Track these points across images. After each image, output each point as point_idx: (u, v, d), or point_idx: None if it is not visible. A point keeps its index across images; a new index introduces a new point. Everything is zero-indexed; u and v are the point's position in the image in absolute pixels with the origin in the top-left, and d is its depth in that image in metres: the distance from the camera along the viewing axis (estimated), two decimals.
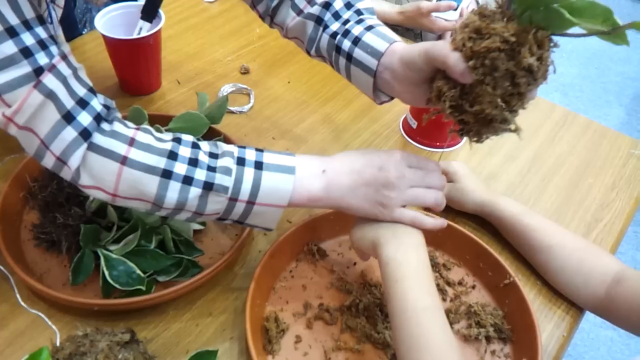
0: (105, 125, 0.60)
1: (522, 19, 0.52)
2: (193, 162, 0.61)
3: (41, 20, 0.57)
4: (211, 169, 0.61)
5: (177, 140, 0.62)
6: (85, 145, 0.58)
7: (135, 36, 0.95)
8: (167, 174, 0.60)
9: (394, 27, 1.31)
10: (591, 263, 0.72)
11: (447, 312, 0.73)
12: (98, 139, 0.59)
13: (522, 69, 0.52)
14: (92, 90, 0.61)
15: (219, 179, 0.61)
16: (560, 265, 0.74)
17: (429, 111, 0.66)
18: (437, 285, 0.77)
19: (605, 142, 1.03)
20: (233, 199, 0.61)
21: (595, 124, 1.06)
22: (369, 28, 0.69)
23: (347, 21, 0.71)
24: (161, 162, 0.60)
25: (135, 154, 0.59)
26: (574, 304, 0.76)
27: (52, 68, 0.56)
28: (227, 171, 0.61)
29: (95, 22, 0.95)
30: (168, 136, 0.63)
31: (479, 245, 0.78)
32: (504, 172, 0.95)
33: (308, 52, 0.77)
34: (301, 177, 0.63)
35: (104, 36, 0.95)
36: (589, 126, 1.06)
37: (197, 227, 0.79)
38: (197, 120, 0.86)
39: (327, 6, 0.73)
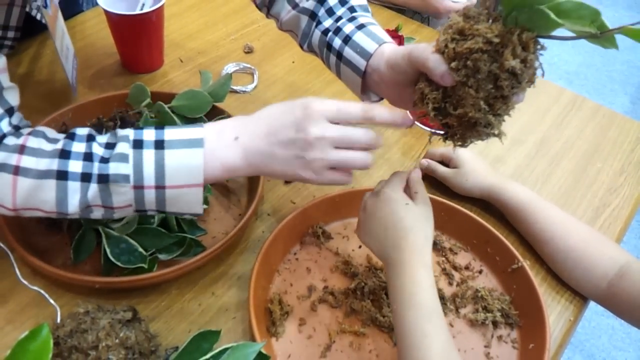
0: (5, 140, 0.57)
1: (508, 20, 0.50)
2: (88, 157, 0.56)
3: None
4: (104, 160, 0.56)
5: (70, 136, 0.58)
6: None
7: (137, 12, 0.94)
8: (62, 175, 0.56)
9: (401, 8, 1.29)
10: (594, 255, 0.71)
11: (454, 297, 0.73)
12: None
13: (505, 71, 0.51)
14: (9, 111, 0.58)
15: (114, 168, 0.56)
16: (562, 257, 0.74)
17: None
18: (444, 269, 0.76)
19: (614, 126, 1.01)
20: (138, 187, 0.56)
21: (604, 109, 1.05)
22: (361, 27, 0.69)
23: (339, 18, 0.71)
24: (54, 164, 0.56)
25: (26, 162, 0.56)
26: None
27: None
28: (122, 158, 0.56)
29: None
30: (62, 135, 0.59)
31: (486, 229, 0.77)
32: (511, 155, 0.94)
33: (301, 47, 0.77)
34: (212, 149, 0.57)
35: (105, 12, 0.93)
36: (597, 110, 1.04)
37: None
38: (200, 98, 0.84)
39: (321, 1, 0.73)
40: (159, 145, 0.56)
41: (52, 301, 0.68)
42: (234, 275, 0.73)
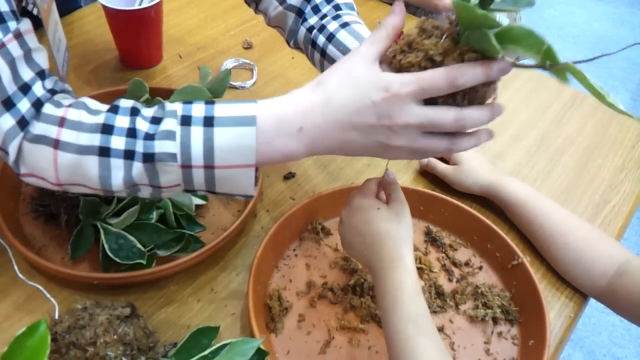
0: (44, 109, 0.54)
1: (462, 39, 0.49)
2: (131, 133, 0.53)
3: None
4: (149, 136, 0.52)
5: (113, 109, 0.54)
6: (21, 134, 0.53)
7: (136, 7, 0.93)
8: (104, 152, 0.52)
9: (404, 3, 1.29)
10: (593, 253, 0.71)
11: (454, 293, 0.72)
12: (34, 126, 0.53)
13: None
14: (41, 74, 0.55)
15: (160, 146, 0.52)
16: (562, 254, 0.73)
17: None
18: (443, 265, 0.76)
19: (615, 123, 1.01)
20: (186, 166, 0.52)
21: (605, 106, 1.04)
22: (344, 25, 0.69)
23: (324, 16, 0.71)
24: (95, 139, 0.52)
25: (66, 135, 0.52)
26: None
27: (1, 47, 0.51)
28: (169, 135, 0.52)
29: None
30: (106, 106, 0.55)
31: (486, 226, 0.76)
32: (511, 151, 0.94)
33: (288, 43, 0.77)
34: (271, 137, 0.52)
35: (104, 7, 0.93)
36: (598, 107, 1.04)
37: (199, 202, 0.78)
38: (198, 94, 0.83)
39: None
40: (208, 122, 0.52)
41: (50, 297, 0.67)
42: (233, 272, 0.73)
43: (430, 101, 0.50)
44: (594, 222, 0.84)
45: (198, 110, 0.53)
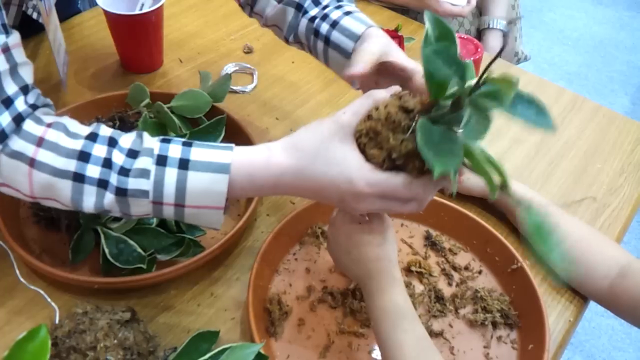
0: (24, 125, 0.55)
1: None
2: (107, 163, 0.54)
3: None
4: (124, 171, 0.54)
5: (92, 137, 0.56)
6: (0, 148, 0.54)
7: (137, 12, 0.94)
8: (79, 178, 0.54)
9: (402, 7, 1.29)
10: (595, 255, 0.71)
11: (453, 297, 0.72)
12: (13, 140, 0.54)
13: None
14: (24, 89, 0.56)
15: (133, 183, 0.54)
16: None
17: None
18: (443, 269, 0.76)
19: (614, 127, 1.01)
20: (157, 203, 0.55)
21: (604, 109, 1.05)
22: (348, 13, 0.70)
23: (326, 6, 0.72)
24: (71, 165, 0.54)
25: (43, 156, 0.54)
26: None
27: None
28: (143, 173, 0.54)
29: None
30: (85, 130, 0.57)
31: (486, 230, 0.76)
32: (511, 155, 0.94)
33: (286, 40, 0.78)
34: (242, 187, 0.55)
35: (105, 12, 0.93)
36: (597, 111, 1.04)
37: None
38: (199, 98, 0.84)
39: None
40: (184, 165, 0.54)
41: (50, 301, 0.68)
42: (233, 276, 0.73)
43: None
44: (593, 226, 0.83)
45: (174, 151, 0.55)
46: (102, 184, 0.54)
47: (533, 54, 1.61)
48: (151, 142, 0.56)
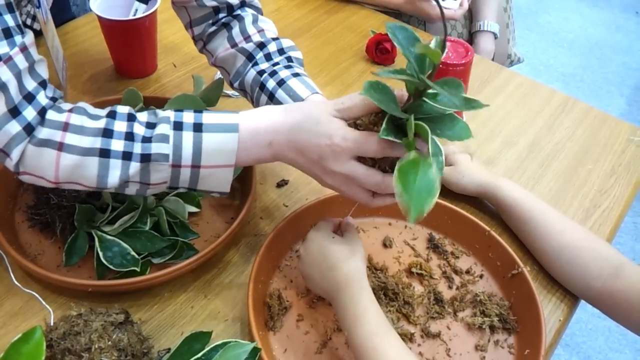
0: (47, 115, 0.59)
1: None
2: (129, 136, 0.60)
3: (10, 8, 0.57)
4: (146, 139, 0.60)
5: (112, 115, 0.61)
6: (27, 139, 0.58)
7: (131, 17, 0.94)
8: (105, 153, 0.59)
9: (395, 11, 1.30)
10: (588, 255, 0.72)
11: (452, 300, 0.73)
12: (39, 131, 0.58)
13: None
14: (43, 83, 0.60)
15: (156, 147, 0.59)
16: (557, 255, 0.74)
17: None
18: (444, 272, 0.76)
19: (605, 128, 1.02)
20: (176, 166, 0.60)
21: (595, 110, 1.06)
22: (296, 75, 0.74)
23: (276, 64, 0.76)
24: (97, 142, 0.59)
25: (70, 139, 0.58)
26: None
27: (9, 60, 0.56)
28: (164, 138, 0.59)
29: (91, 3, 0.94)
30: (104, 111, 0.62)
31: (489, 235, 0.77)
32: (503, 157, 0.95)
33: (231, 84, 0.82)
34: (246, 147, 0.61)
35: (99, 17, 0.94)
36: (588, 112, 1.05)
37: (193, 209, 0.79)
38: (192, 102, 0.84)
39: (261, 47, 0.78)
40: (198, 128, 0.60)
41: (45, 304, 0.68)
42: (226, 279, 0.74)
43: (363, 160, 0.58)
44: (584, 227, 0.84)
45: (188, 117, 0.61)
46: (127, 156, 0.59)
47: (529, 56, 1.62)
48: (166, 112, 0.61)
